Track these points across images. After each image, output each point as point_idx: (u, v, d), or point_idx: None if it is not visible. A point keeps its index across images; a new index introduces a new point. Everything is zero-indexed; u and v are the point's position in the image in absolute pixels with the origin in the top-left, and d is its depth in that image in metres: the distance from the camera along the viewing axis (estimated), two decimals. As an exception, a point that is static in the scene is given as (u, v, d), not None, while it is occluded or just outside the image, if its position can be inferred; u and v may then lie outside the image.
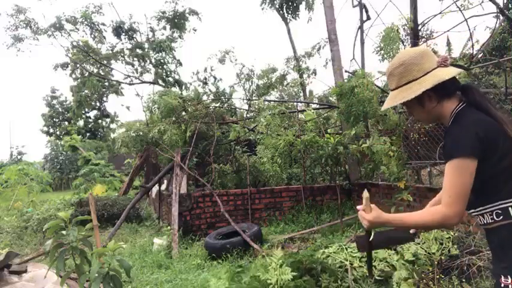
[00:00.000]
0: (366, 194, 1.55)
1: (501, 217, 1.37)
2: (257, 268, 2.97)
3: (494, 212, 1.39)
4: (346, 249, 3.28)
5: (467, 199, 1.35)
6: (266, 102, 8.53)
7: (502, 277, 1.36)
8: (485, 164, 1.35)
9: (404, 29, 6.49)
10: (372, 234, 1.66)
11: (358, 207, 1.58)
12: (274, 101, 9.67)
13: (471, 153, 1.32)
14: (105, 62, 18.20)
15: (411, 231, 1.77)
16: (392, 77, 1.53)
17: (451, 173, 1.36)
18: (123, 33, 17.25)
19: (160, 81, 17.80)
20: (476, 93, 1.46)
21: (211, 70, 14.05)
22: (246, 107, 9.78)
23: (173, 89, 15.74)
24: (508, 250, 1.36)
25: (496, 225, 1.39)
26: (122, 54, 17.94)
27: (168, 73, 18.37)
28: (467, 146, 1.33)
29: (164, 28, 18.02)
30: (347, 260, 3.07)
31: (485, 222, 1.44)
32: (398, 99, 1.49)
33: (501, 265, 1.39)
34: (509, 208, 1.35)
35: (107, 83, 21.91)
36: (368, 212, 1.54)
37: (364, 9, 7.74)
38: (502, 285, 1.36)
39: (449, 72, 1.42)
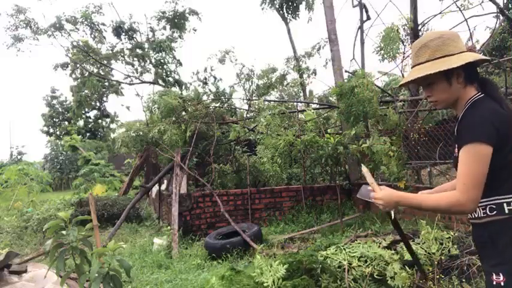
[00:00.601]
0: (364, 168, 1.52)
1: (494, 212, 1.37)
2: (253, 269, 2.96)
3: (488, 207, 1.39)
4: (345, 249, 3.28)
5: (483, 186, 1.33)
6: (266, 102, 8.53)
7: (494, 275, 1.36)
8: (496, 155, 1.34)
9: (404, 29, 6.50)
10: (392, 214, 1.58)
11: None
12: (274, 101, 9.67)
13: (488, 139, 1.32)
14: (105, 62, 18.21)
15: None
16: (425, 49, 1.50)
17: (467, 157, 1.34)
18: (123, 33, 17.25)
19: (160, 81, 17.80)
20: (495, 86, 1.49)
21: (211, 70, 14.07)
22: (246, 107, 9.79)
23: (173, 89, 15.75)
24: (499, 246, 1.36)
25: (487, 219, 1.39)
26: (122, 54, 17.95)
27: (168, 73, 18.37)
28: (485, 132, 1.32)
29: (164, 28, 18.03)
30: (345, 260, 3.07)
31: (476, 216, 1.44)
32: (430, 69, 1.44)
33: (491, 262, 1.39)
34: (504, 204, 1.36)
35: (107, 83, 21.91)
36: (377, 190, 1.53)
37: (364, 9, 7.74)
38: (494, 282, 1.35)
39: (483, 56, 1.46)
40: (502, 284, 1.33)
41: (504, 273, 1.33)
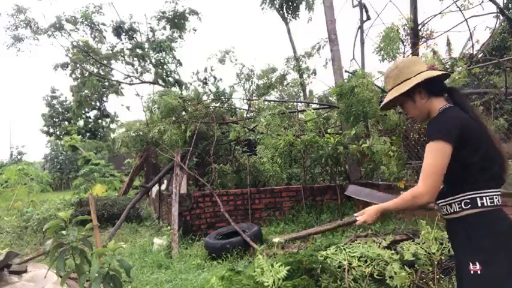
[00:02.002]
0: (352, 218, 1.87)
1: (469, 206, 1.52)
2: (253, 269, 2.96)
3: (463, 201, 1.54)
4: (345, 249, 3.28)
5: (441, 180, 1.51)
6: (266, 102, 8.53)
7: (470, 264, 1.46)
8: (460, 153, 1.52)
9: (404, 29, 6.50)
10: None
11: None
12: (274, 101, 9.67)
13: (448, 138, 1.50)
14: (105, 62, 18.21)
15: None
16: (389, 79, 1.80)
17: (427, 152, 1.54)
18: (123, 33, 17.25)
19: (160, 81, 17.80)
20: (461, 95, 1.69)
21: (211, 70, 14.06)
22: (246, 107, 9.79)
23: (173, 89, 15.74)
24: (474, 237, 1.48)
25: (463, 213, 1.53)
26: (122, 54, 17.95)
27: (168, 73, 18.37)
28: (445, 131, 1.52)
29: (164, 28, 18.03)
30: (345, 260, 3.07)
31: (451, 211, 1.59)
32: (394, 94, 1.74)
33: (467, 252, 1.50)
34: (477, 198, 1.50)
35: (107, 83, 21.91)
36: (360, 213, 1.83)
37: (364, 9, 7.74)
38: (472, 272, 1.46)
39: (436, 72, 1.67)
40: (479, 272, 1.44)
41: (480, 262, 1.44)
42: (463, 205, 1.53)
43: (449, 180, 1.59)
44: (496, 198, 1.51)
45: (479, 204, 1.50)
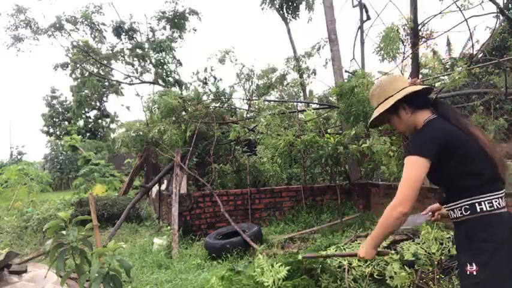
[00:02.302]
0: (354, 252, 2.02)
1: (469, 212, 1.55)
2: (253, 269, 2.96)
3: (463, 207, 1.57)
4: (345, 249, 3.28)
5: (415, 192, 1.55)
6: (266, 102, 8.53)
7: (468, 265, 1.51)
8: (448, 163, 1.57)
9: (404, 29, 6.48)
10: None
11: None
12: (274, 101, 9.67)
13: (425, 152, 1.56)
14: (105, 62, 18.20)
15: (423, 212, 2.00)
16: (373, 98, 1.88)
17: (405, 167, 1.59)
18: (123, 33, 17.24)
19: (160, 81, 17.79)
20: (445, 107, 1.75)
21: (211, 70, 14.05)
22: (246, 107, 9.78)
23: (173, 89, 15.74)
24: (474, 240, 1.52)
25: (464, 218, 1.57)
26: (122, 54, 17.94)
27: (168, 73, 18.36)
28: (422, 146, 1.58)
29: (164, 28, 18.01)
30: (345, 260, 3.07)
31: (455, 216, 1.63)
32: (379, 111, 1.81)
33: (467, 255, 1.54)
34: (476, 204, 1.53)
35: (107, 83, 21.90)
36: (357, 252, 1.87)
37: (364, 9, 7.74)
38: (468, 272, 1.50)
39: (417, 87, 1.73)
40: (475, 273, 1.48)
41: (477, 264, 1.48)
42: (463, 211, 1.57)
43: (446, 189, 1.67)
44: (495, 201, 1.53)
45: (478, 210, 1.53)
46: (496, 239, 1.47)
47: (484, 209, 1.52)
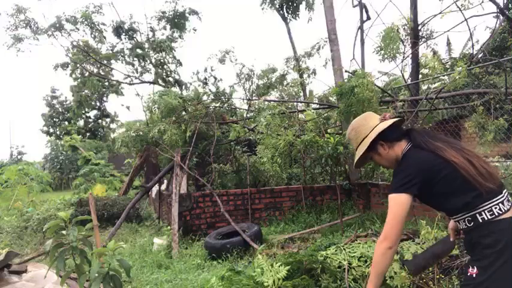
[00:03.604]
0: None
1: (472, 223, 1.61)
2: (253, 269, 2.96)
3: (466, 220, 1.63)
4: (345, 249, 3.28)
5: (400, 227, 1.63)
6: (266, 102, 8.52)
7: (470, 267, 1.58)
8: (434, 190, 1.64)
9: (404, 29, 6.49)
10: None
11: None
12: (274, 100, 9.66)
13: (404, 189, 1.63)
14: (105, 62, 18.19)
15: (451, 238, 1.96)
16: (351, 141, 1.95)
17: (390, 206, 1.67)
18: (123, 33, 17.23)
19: (160, 81, 17.79)
20: (417, 134, 1.78)
21: (212, 70, 14.06)
22: (246, 107, 9.78)
23: (173, 89, 15.73)
24: (479, 247, 1.57)
25: (469, 229, 1.64)
26: (122, 54, 17.92)
27: (168, 73, 18.36)
28: (402, 184, 1.64)
29: (164, 28, 18.00)
30: (345, 261, 3.07)
31: (461, 227, 1.71)
32: (358, 154, 1.87)
33: (472, 259, 1.62)
34: (477, 215, 1.58)
35: (107, 83, 21.89)
36: None
37: (364, 9, 7.73)
38: (468, 274, 1.58)
39: (388, 123, 1.80)
40: (474, 275, 1.54)
41: (478, 267, 1.54)
42: (467, 222, 1.63)
43: (444, 210, 1.73)
44: (495, 208, 1.55)
45: (480, 220, 1.57)
46: (499, 245, 1.50)
47: (486, 218, 1.56)
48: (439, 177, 1.62)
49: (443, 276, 3.04)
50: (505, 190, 1.62)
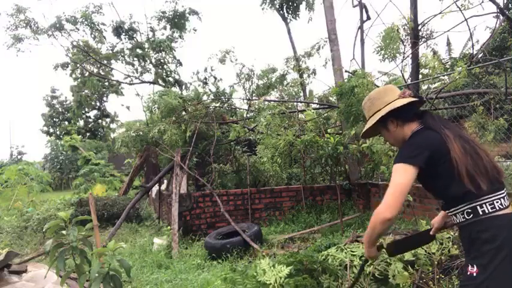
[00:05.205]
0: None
1: (471, 215, 1.56)
2: (255, 269, 2.97)
3: (465, 212, 1.58)
4: (346, 249, 3.29)
5: (401, 198, 1.56)
6: (266, 102, 8.52)
7: (469, 266, 1.54)
8: (438, 170, 1.61)
9: (404, 29, 6.48)
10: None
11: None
12: (274, 100, 9.66)
13: (410, 160, 1.59)
14: (105, 62, 18.20)
15: (431, 232, 1.98)
16: (364, 110, 1.93)
17: (392, 174, 1.62)
18: (123, 33, 17.22)
19: (160, 81, 17.79)
20: (430, 117, 1.76)
21: (212, 70, 14.04)
22: (246, 107, 9.78)
23: (173, 89, 15.73)
24: (477, 243, 1.53)
25: (467, 222, 1.58)
26: (122, 54, 17.92)
27: (168, 73, 18.35)
28: (410, 155, 1.60)
29: (164, 28, 17.99)
30: (347, 258, 3.07)
31: (458, 221, 1.64)
32: (368, 125, 1.86)
33: (470, 256, 1.57)
34: (478, 207, 1.54)
35: (107, 83, 21.89)
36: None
37: (364, 9, 7.73)
38: (468, 273, 1.53)
39: (403, 101, 1.75)
40: (474, 274, 1.49)
41: (477, 265, 1.49)
42: (465, 215, 1.58)
43: (444, 196, 1.67)
44: (497, 202, 1.53)
45: (481, 213, 1.53)
46: (498, 241, 1.47)
47: (486, 211, 1.52)
48: (446, 158, 1.58)
49: (443, 276, 3.04)
50: (504, 189, 1.61)
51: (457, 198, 1.59)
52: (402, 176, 1.57)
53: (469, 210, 1.56)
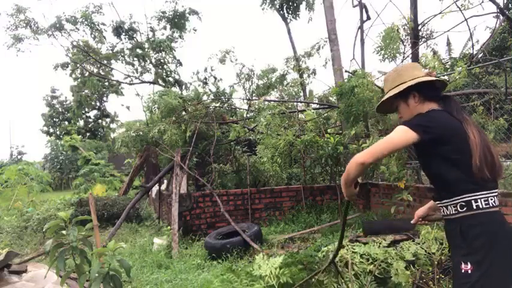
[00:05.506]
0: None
1: (464, 208, 1.54)
2: (251, 266, 2.98)
3: (458, 204, 1.56)
4: (347, 245, 3.29)
5: (387, 153, 1.57)
6: (266, 102, 8.53)
7: (462, 263, 1.50)
8: (441, 150, 1.57)
9: (404, 29, 6.49)
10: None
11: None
12: (274, 100, 9.66)
13: (416, 128, 1.55)
14: (105, 62, 18.21)
15: (412, 221, 1.99)
16: (387, 82, 1.90)
17: (391, 133, 1.60)
18: (123, 33, 17.23)
19: (160, 81, 17.80)
20: (453, 102, 1.75)
21: (212, 70, 14.06)
22: (246, 107, 9.78)
23: (173, 89, 15.74)
24: (468, 238, 1.51)
25: (459, 215, 1.56)
26: (122, 54, 17.93)
27: (168, 73, 18.37)
28: (419, 124, 1.57)
29: (164, 28, 18.01)
30: (347, 255, 3.07)
31: (448, 213, 1.62)
32: (389, 94, 1.83)
33: (461, 252, 1.54)
34: (472, 201, 1.52)
35: (107, 83, 21.90)
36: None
37: (364, 9, 7.73)
38: (462, 271, 1.50)
39: (430, 78, 1.73)
40: (469, 272, 1.47)
41: (472, 262, 1.47)
42: (458, 208, 1.56)
43: (441, 184, 1.64)
44: (491, 199, 1.53)
45: (475, 207, 1.52)
46: (490, 237, 1.47)
47: (480, 206, 1.51)
48: (453, 140, 1.57)
49: (443, 276, 3.04)
50: (497, 188, 1.61)
51: (455, 189, 1.57)
52: (398, 135, 1.57)
53: (463, 203, 1.54)
